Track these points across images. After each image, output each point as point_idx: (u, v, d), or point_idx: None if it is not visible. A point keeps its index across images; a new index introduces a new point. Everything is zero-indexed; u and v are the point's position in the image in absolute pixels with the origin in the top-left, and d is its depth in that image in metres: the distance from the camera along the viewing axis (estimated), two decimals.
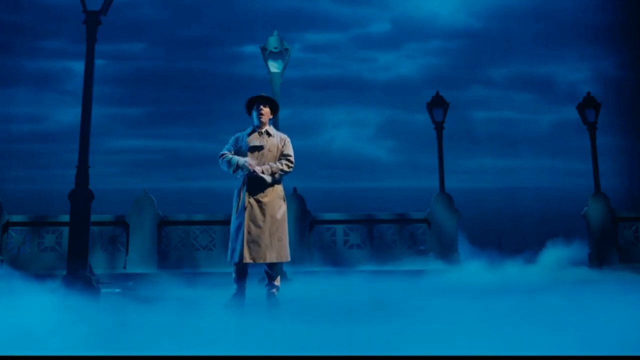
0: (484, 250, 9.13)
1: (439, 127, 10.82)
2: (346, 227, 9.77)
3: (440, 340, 3.94)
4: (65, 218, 8.00)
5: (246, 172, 5.39)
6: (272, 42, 8.91)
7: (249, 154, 5.46)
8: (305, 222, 9.57)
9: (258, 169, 5.38)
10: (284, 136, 5.67)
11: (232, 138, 5.63)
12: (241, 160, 5.41)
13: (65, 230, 8.53)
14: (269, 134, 5.57)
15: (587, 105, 10.53)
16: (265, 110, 5.62)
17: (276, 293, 5.49)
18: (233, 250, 5.42)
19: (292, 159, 5.53)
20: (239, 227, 5.36)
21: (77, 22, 7.12)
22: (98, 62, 7.40)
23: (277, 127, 8.40)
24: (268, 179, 5.38)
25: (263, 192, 5.40)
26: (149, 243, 9.21)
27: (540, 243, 9.51)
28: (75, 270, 6.63)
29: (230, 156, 5.48)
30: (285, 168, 5.48)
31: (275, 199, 5.44)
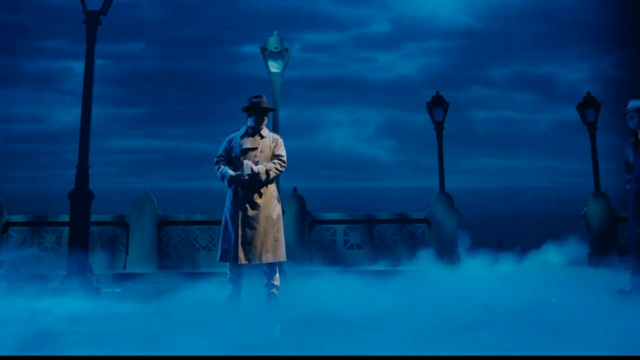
0: (484, 250, 9.12)
1: (439, 127, 10.84)
2: (346, 227, 9.77)
3: (440, 340, 3.94)
4: (65, 218, 8.00)
5: (246, 175, 5.36)
6: (272, 42, 8.93)
7: (241, 155, 5.48)
8: (305, 222, 9.57)
9: (256, 169, 5.39)
10: (277, 137, 5.72)
11: (225, 140, 5.67)
12: (234, 173, 5.42)
13: (65, 230, 8.53)
14: (261, 136, 5.60)
15: (587, 105, 10.56)
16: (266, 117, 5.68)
17: (276, 293, 5.49)
18: (225, 251, 5.43)
19: (284, 159, 5.60)
20: (234, 228, 5.37)
21: (77, 22, 7.13)
22: (98, 62, 7.43)
23: (277, 127, 8.46)
24: (262, 177, 5.40)
25: (258, 192, 5.43)
26: (149, 243, 9.21)
27: (540, 243, 9.50)
28: (75, 270, 6.63)
29: (225, 169, 5.49)
30: (279, 167, 5.53)
31: (270, 200, 5.48)
